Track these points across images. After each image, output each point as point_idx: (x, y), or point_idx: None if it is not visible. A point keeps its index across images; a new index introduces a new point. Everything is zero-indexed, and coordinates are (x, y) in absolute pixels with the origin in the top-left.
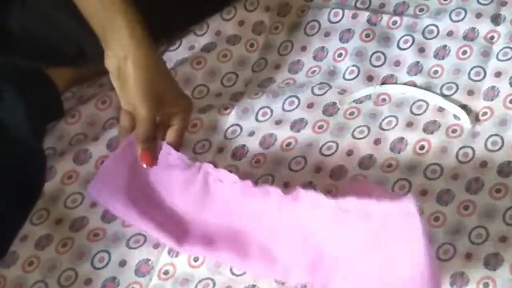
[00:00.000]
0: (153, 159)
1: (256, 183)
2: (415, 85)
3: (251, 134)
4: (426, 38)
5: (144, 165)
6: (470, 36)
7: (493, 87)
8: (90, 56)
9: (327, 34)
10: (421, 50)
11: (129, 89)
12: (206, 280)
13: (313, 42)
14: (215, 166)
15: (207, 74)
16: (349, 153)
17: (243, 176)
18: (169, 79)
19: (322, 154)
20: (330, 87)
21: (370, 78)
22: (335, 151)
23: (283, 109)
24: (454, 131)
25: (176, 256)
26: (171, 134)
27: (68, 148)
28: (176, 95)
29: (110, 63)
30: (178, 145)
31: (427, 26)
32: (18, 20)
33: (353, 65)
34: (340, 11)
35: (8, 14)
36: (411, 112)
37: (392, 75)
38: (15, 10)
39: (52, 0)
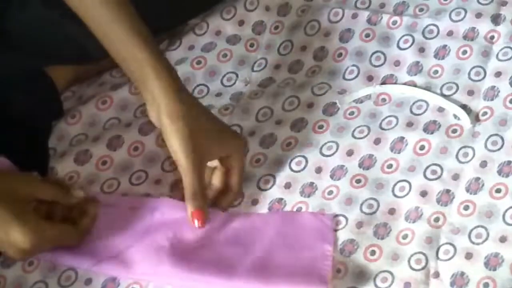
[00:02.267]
0: (205, 218)
1: (258, 182)
2: (415, 85)
3: (251, 134)
4: (426, 38)
5: (196, 225)
6: (470, 36)
7: (493, 87)
8: (90, 55)
9: (327, 34)
10: (421, 50)
11: (167, 144)
12: None
13: (313, 42)
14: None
15: (207, 74)
16: (349, 153)
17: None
18: (210, 125)
19: (322, 154)
20: (330, 87)
21: (370, 78)
22: (335, 151)
23: (283, 109)
24: (454, 131)
25: None
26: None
27: (68, 148)
28: (221, 140)
29: (152, 116)
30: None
31: (427, 26)
32: (18, 19)
33: (353, 65)
34: (340, 11)
35: (7, 13)
36: (411, 112)
37: (392, 75)
38: (15, 9)
39: None
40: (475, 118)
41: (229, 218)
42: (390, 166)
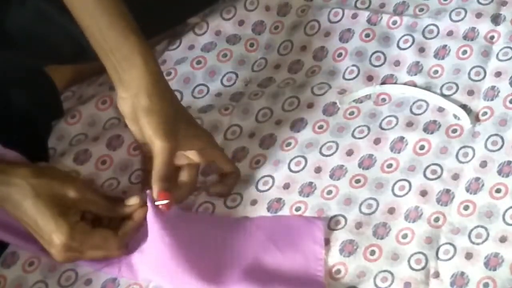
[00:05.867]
0: (171, 201)
1: (257, 184)
2: (415, 85)
3: (251, 134)
4: (426, 38)
5: (161, 207)
6: (470, 36)
7: (493, 87)
8: (89, 54)
9: (327, 34)
10: (421, 50)
11: (143, 124)
12: None
13: (313, 42)
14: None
15: (207, 74)
16: (349, 153)
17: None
18: (187, 115)
19: (322, 154)
20: (330, 87)
21: (370, 78)
22: (335, 151)
23: (283, 109)
24: (454, 131)
25: None
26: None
27: (68, 148)
28: (196, 131)
29: (125, 105)
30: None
31: (427, 26)
32: (17, 19)
33: (353, 65)
34: (340, 11)
35: (7, 12)
36: (411, 112)
37: (392, 75)
38: (14, 8)
39: None
40: (475, 118)
41: (220, 222)
42: (390, 166)
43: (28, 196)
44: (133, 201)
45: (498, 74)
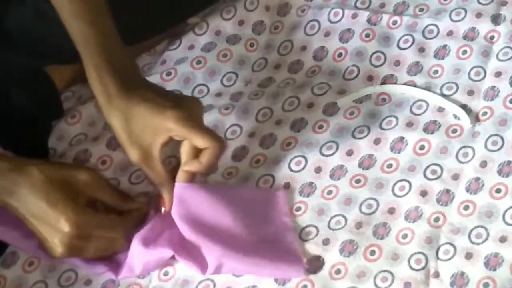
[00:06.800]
0: (168, 203)
1: (257, 183)
2: (415, 85)
3: (251, 134)
4: (426, 38)
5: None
6: (470, 36)
7: (493, 87)
8: None
9: (327, 34)
10: (421, 50)
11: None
12: (206, 281)
13: (313, 42)
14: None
15: (207, 74)
16: (349, 153)
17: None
18: (146, 111)
19: (322, 154)
20: (330, 87)
21: (370, 78)
22: (335, 151)
23: (283, 109)
24: (454, 131)
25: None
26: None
27: (68, 148)
28: (159, 123)
29: None
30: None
31: (427, 26)
32: (17, 19)
33: (353, 65)
34: (340, 11)
35: (7, 12)
36: (411, 112)
37: (392, 75)
38: (14, 8)
39: None
40: (475, 118)
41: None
42: (390, 166)
43: (37, 180)
44: (141, 200)
45: (498, 74)
